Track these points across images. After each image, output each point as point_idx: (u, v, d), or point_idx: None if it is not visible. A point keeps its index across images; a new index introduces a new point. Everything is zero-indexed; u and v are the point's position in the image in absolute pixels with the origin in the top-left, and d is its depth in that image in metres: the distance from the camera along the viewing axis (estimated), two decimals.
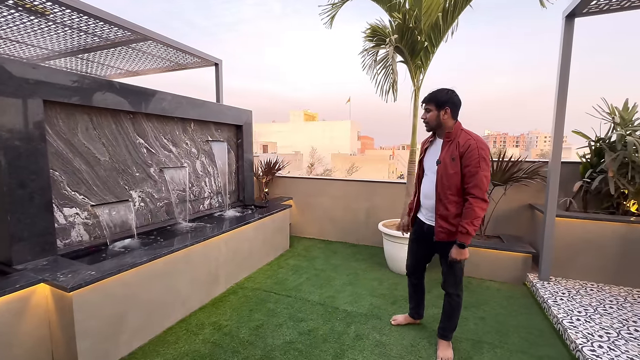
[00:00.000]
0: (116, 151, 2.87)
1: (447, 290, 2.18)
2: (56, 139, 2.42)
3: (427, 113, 2.04)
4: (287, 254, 4.33)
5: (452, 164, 1.90)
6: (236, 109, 4.31)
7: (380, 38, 3.01)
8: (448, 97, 1.95)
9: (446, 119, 1.97)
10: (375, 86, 3.00)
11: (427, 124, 2.07)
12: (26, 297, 1.89)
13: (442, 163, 1.96)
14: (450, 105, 1.95)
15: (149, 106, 3.02)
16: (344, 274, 3.66)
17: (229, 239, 3.23)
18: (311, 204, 5.05)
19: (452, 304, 2.18)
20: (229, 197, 4.43)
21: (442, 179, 1.95)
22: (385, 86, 2.98)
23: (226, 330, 2.51)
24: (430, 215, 2.11)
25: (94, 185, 2.70)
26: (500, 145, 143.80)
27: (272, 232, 4.08)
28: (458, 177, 1.89)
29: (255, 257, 3.72)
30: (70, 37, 3.55)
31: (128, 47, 3.88)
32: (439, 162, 1.98)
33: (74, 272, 2.03)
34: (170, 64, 4.76)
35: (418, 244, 2.33)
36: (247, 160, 4.60)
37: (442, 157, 1.97)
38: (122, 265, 2.15)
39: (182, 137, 3.60)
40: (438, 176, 1.98)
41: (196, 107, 3.61)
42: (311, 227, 5.10)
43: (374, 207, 4.63)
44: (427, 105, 2.04)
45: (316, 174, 21.32)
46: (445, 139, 1.99)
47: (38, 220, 2.22)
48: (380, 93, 3.04)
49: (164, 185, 3.39)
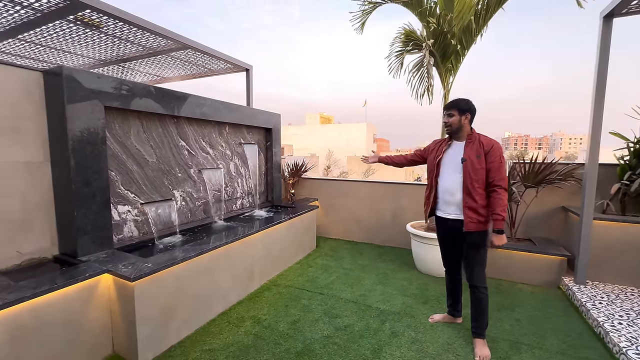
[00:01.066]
0: (162, 153, 3.06)
1: (474, 284, 2.27)
2: (113, 141, 2.63)
3: (450, 117, 2.26)
4: (314, 253, 4.43)
5: (478, 160, 2.14)
6: (266, 113, 4.47)
7: (415, 43, 3.08)
8: (468, 105, 2.23)
9: (466, 123, 2.24)
10: (410, 89, 3.07)
11: (449, 127, 2.28)
12: (93, 286, 2.07)
13: (468, 160, 2.17)
14: (470, 112, 2.22)
15: (191, 110, 3.21)
16: (372, 273, 3.72)
17: (264, 237, 3.36)
18: (336, 205, 5.14)
19: (481, 298, 2.26)
20: (259, 197, 4.59)
21: (470, 174, 2.15)
22: (420, 89, 3.05)
23: (265, 323, 2.62)
24: (455, 209, 2.27)
25: (143, 185, 2.89)
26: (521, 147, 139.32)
27: (301, 232, 4.19)
28: (484, 172, 2.13)
29: (286, 255, 3.84)
30: (117, 47, 3.81)
31: (168, 55, 4.12)
32: (465, 159, 2.19)
33: (132, 264, 2.20)
34: (201, 70, 4.99)
35: (445, 239, 2.45)
36: (276, 162, 4.74)
37: (466, 156, 2.18)
38: (174, 258, 2.31)
39: (218, 139, 3.78)
40: (466, 172, 2.17)
41: (231, 111, 3.79)
42: (336, 228, 5.18)
43: (400, 208, 4.67)
44: (450, 111, 2.26)
45: (332, 176, 21.42)
46: (467, 140, 2.24)
47: (99, 216, 2.41)
48: (415, 96, 3.11)
49: (202, 185, 3.57)
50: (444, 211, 2.33)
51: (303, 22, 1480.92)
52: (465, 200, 2.17)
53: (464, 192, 2.17)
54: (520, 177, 3.60)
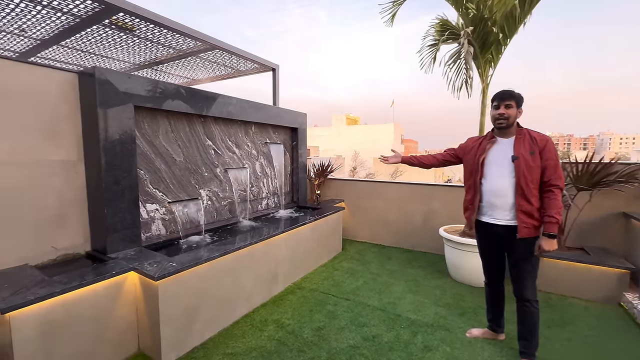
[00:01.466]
0: (189, 152, 3.08)
1: (524, 297, 2.03)
2: (142, 140, 2.66)
3: (508, 109, 2.01)
4: (340, 256, 4.29)
5: (532, 158, 1.91)
6: (292, 112, 4.41)
7: (452, 32, 2.85)
8: (522, 98, 2.02)
9: (519, 117, 2.04)
10: (446, 83, 2.85)
11: (505, 120, 2.01)
12: (120, 283, 2.09)
13: (520, 158, 1.93)
14: (522, 106, 2.03)
15: (218, 110, 3.21)
16: (402, 280, 3.51)
17: (288, 238, 3.28)
18: (363, 206, 4.96)
19: (533, 313, 2.03)
20: (284, 198, 4.53)
21: (524, 173, 1.92)
22: (457, 82, 2.81)
23: (289, 329, 2.53)
24: (505, 214, 2.02)
25: (170, 184, 2.92)
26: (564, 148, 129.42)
27: (327, 234, 4.07)
28: (539, 171, 1.91)
29: (311, 258, 3.74)
30: (150, 50, 3.93)
31: (196, 56, 4.18)
32: (517, 157, 1.95)
33: (157, 262, 2.19)
34: (230, 72, 5.04)
35: (490, 247, 2.21)
36: (302, 162, 4.67)
37: (518, 153, 1.95)
38: (198, 258, 2.28)
39: (244, 139, 3.76)
40: (519, 171, 1.93)
41: (257, 111, 3.76)
42: (363, 231, 5.00)
43: (432, 211, 4.40)
44: (508, 102, 2.01)
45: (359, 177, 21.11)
46: (517, 135, 2.01)
47: (128, 214, 2.45)
48: (451, 90, 2.88)
49: (228, 185, 3.56)
50: (490, 216, 2.08)
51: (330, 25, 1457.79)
52: (519, 203, 1.93)
53: (517, 194, 1.94)
54: (572, 178, 3.23)
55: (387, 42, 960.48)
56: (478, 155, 2.11)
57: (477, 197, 2.09)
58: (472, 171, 2.13)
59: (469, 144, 2.25)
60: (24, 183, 2.13)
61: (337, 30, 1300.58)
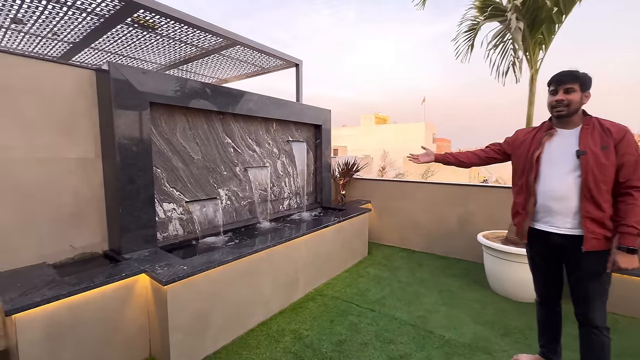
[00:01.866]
0: (207, 150, 2.99)
1: (592, 323, 1.65)
2: (159, 138, 2.60)
3: (569, 94, 1.64)
4: (366, 261, 4.02)
5: (604, 153, 1.56)
6: (315, 108, 4.21)
7: (495, 8, 2.48)
8: (590, 79, 1.65)
9: (585, 103, 1.67)
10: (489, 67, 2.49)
11: (566, 107, 1.65)
12: (130, 286, 2.00)
13: (588, 153, 1.57)
14: (589, 89, 1.66)
15: (237, 106, 3.09)
16: (434, 290, 3.17)
17: (309, 241, 3.08)
18: (391, 208, 4.64)
19: (603, 344, 1.64)
20: (307, 198, 4.34)
21: (593, 172, 1.56)
22: (502, 66, 2.44)
23: (307, 341, 2.32)
24: (566, 221, 1.65)
25: (188, 183, 2.84)
26: None
27: (351, 236, 3.82)
28: (613, 169, 1.56)
29: (334, 262, 3.51)
30: (173, 49, 3.93)
31: (219, 54, 4.13)
32: (583, 152, 1.59)
33: (169, 265, 2.09)
34: (254, 69, 4.96)
35: (546, 260, 1.83)
36: (325, 161, 4.45)
37: (585, 147, 1.59)
38: (210, 262, 2.15)
39: (265, 137, 3.62)
40: (587, 169, 1.57)
41: (279, 107, 3.60)
42: (391, 234, 4.68)
43: (468, 214, 3.99)
44: (569, 85, 1.64)
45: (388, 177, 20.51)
46: (584, 125, 1.65)
47: (143, 214, 2.38)
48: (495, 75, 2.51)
49: (248, 184, 3.44)
50: (547, 223, 1.71)
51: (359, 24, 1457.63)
52: (586, 208, 1.58)
53: (582, 197, 1.59)
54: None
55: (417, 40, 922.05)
56: (532, 150, 1.75)
57: (530, 201, 1.74)
58: (524, 169, 1.78)
59: (519, 136, 1.89)
60: (42, 180, 2.12)
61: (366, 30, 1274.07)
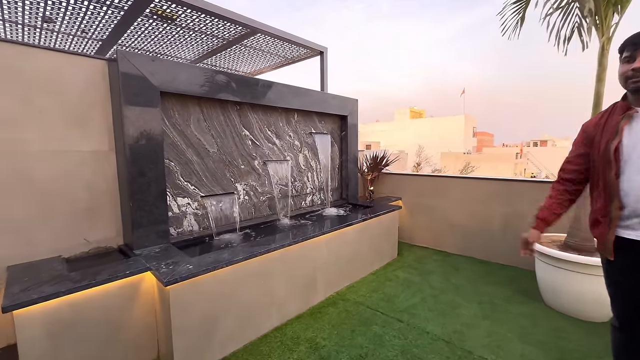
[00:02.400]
0: (224, 143, 2.86)
1: None
2: (172, 130, 2.50)
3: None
4: (395, 263, 3.68)
5: None
6: (341, 98, 3.93)
7: None
8: None
9: None
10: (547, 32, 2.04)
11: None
12: (136, 284, 1.90)
13: None
14: None
15: (255, 96, 2.91)
16: (473, 301, 2.77)
17: (331, 240, 2.83)
18: (424, 205, 4.24)
19: None
20: (332, 194, 4.10)
21: None
22: (565, 30, 1.99)
23: (324, 352, 2.08)
24: None
25: (203, 177, 2.73)
26: None
27: (378, 236, 3.51)
28: None
29: (359, 263, 3.23)
30: (194, 41, 3.87)
31: (241, 44, 4.00)
32: None
33: (175, 263, 1.96)
34: (278, 60, 4.79)
35: (635, 276, 1.38)
36: (352, 155, 4.17)
37: None
38: (218, 261, 1.99)
39: (286, 128, 3.43)
40: None
41: (300, 96, 3.38)
42: (424, 234, 4.28)
43: (516, 214, 3.48)
44: None
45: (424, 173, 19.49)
46: None
47: (154, 208, 2.29)
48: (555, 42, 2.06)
49: (267, 179, 3.27)
50: (634, 230, 1.31)
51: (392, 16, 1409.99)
52: None
53: None
54: None
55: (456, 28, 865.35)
56: (607, 141, 1.34)
57: (613, 204, 1.32)
58: (602, 166, 1.37)
59: (589, 130, 1.47)
60: (57, 173, 2.10)
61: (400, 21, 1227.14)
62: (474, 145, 39.67)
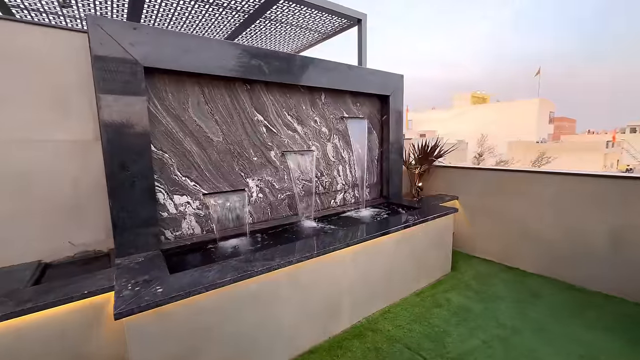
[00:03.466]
0: (231, 130, 2.38)
1: None
2: (165, 115, 2.09)
3: None
4: (447, 281, 2.90)
5: None
6: (381, 74, 3.19)
7: None
8: None
9: None
10: None
11: None
12: (100, 307, 1.53)
13: None
14: None
15: (269, 72, 2.37)
16: (562, 351, 1.91)
17: (361, 253, 2.21)
18: (490, 207, 3.32)
19: None
20: (368, 191, 3.42)
21: None
22: None
23: None
24: None
25: (205, 171, 2.29)
26: None
27: (426, 246, 2.76)
28: None
29: (398, 280, 2.55)
30: (212, 16, 3.45)
31: (265, 18, 3.49)
32: None
33: (147, 282, 1.54)
34: (309, 36, 4.18)
35: None
36: (395, 144, 3.42)
37: None
38: (195, 285, 1.51)
39: (310, 112, 2.84)
40: None
41: (328, 72, 2.74)
42: (488, 243, 3.37)
43: (630, 227, 2.43)
44: None
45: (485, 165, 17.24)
46: None
47: (140, 208, 1.92)
48: None
49: (287, 173, 2.74)
50: None
51: None
52: None
53: None
54: None
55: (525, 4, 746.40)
56: None
57: None
58: None
59: None
60: (32, 167, 1.83)
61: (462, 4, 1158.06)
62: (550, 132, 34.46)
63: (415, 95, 35.91)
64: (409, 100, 9.83)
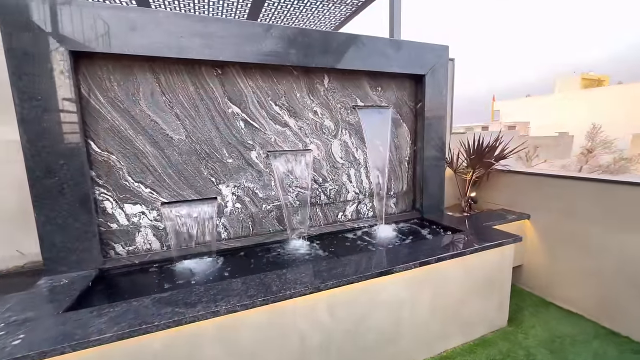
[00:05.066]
0: (196, 126, 1.94)
1: None
2: (110, 109, 1.75)
3: None
4: (497, 340, 1.98)
5: None
6: (414, 45, 2.36)
7: None
8: None
9: None
10: None
11: None
12: None
13: None
14: None
15: (247, 50, 1.85)
16: None
17: (348, 296, 1.55)
18: (585, 236, 2.20)
19: None
20: (394, 202, 2.63)
21: None
22: None
23: None
24: None
25: (164, 175, 1.91)
26: None
27: (468, 287, 1.91)
28: None
29: (412, 338, 1.78)
30: None
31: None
32: None
33: (16, 326, 1.20)
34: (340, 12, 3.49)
35: None
36: (434, 140, 2.54)
37: None
38: (66, 338, 1.10)
39: (307, 101, 2.21)
40: None
41: (331, 46, 2.07)
42: (577, 287, 2.26)
43: None
44: None
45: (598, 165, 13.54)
46: None
47: (71, 221, 1.62)
48: None
49: (274, 178, 2.19)
50: None
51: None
52: None
53: None
54: None
55: None
56: None
57: None
58: None
59: None
60: None
61: None
62: None
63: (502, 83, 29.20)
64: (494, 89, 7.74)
